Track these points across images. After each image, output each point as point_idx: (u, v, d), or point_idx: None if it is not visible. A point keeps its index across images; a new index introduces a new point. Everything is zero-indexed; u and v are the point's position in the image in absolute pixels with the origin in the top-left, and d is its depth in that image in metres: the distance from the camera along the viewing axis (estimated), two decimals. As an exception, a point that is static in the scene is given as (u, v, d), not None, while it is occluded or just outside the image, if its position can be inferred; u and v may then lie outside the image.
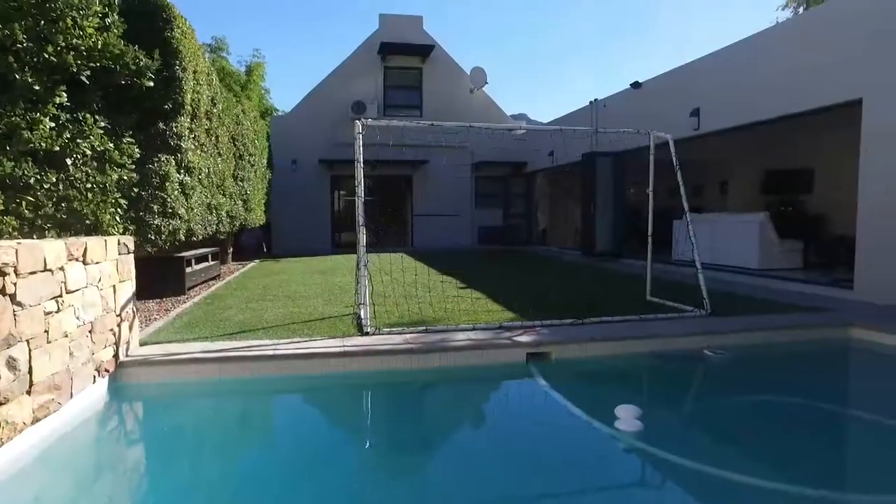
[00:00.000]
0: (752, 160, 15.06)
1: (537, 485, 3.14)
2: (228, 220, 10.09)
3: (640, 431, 3.68)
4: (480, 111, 19.66)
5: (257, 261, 14.35)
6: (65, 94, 5.25)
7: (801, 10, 23.11)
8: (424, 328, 5.55)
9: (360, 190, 5.78)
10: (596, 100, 14.81)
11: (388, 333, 5.37)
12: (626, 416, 3.81)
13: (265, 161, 14.66)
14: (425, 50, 19.11)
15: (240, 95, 19.56)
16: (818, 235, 11.70)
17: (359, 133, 5.85)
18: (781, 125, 9.44)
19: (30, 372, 3.33)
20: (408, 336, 5.29)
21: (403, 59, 19.38)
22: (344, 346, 4.93)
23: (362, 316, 5.59)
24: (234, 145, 10.85)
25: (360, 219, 5.80)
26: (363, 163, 5.85)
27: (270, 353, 4.71)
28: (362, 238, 5.79)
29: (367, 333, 5.34)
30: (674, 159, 6.88)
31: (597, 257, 13.73)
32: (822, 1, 21.68)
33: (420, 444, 3.89)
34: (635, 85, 12.84)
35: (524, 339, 5.17)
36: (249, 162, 12.13)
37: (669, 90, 11.76)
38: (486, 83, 19.73)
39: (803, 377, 5.36)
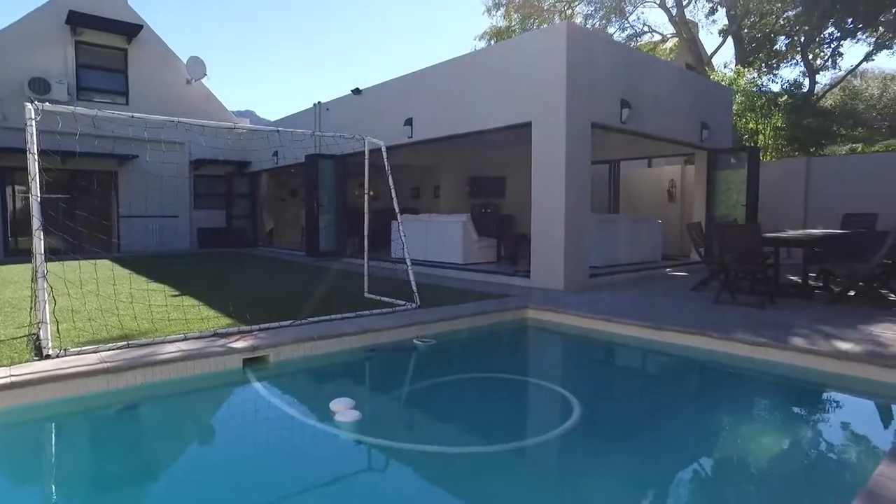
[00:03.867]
0: (460, 167, 17.13)
1: (265, 492, 3.09)
2: None
3: (357, 421, 3.89)
4: (198, 105, 18.26)
5: None
6: None
7: (492, 42, 27.13)
8: (126, 343, 4.98)
9: (36, 188, 4.91)
10: (319, 102, 15.07)
11: (79, 354, 4.68)
12: (342, 409, 4.01)
13: None
14: (131, 29, 16.90)
15: None
16: (508, 233, 13.92)
17: (31, 119, 4.92)
18: (478, 138, 10.98)
19: None
20: (104, 354, 4.68)
21: (103, 36, 16.82)
22: (11, 375, 4.12)
23: (42, 337, 4.75)
24: None
25: (37, 221, 4.92)
26: (44, 154, 4.97)
27: None
28: (40, 245, 4.91)
29: (48, 357, 4.57)
30: (385, 164, 7.46)
31: (321, 257, 14.01)
32: (509, 37, 25.68)
33: (127, 476, 3.45)
34: (356, 91, 13.44)
35: (240, 344, 5.04)
36: None
37: (387, 99, 12.62)
38: (206, 75, 18.40)
39: (494, 354, 6.43)
